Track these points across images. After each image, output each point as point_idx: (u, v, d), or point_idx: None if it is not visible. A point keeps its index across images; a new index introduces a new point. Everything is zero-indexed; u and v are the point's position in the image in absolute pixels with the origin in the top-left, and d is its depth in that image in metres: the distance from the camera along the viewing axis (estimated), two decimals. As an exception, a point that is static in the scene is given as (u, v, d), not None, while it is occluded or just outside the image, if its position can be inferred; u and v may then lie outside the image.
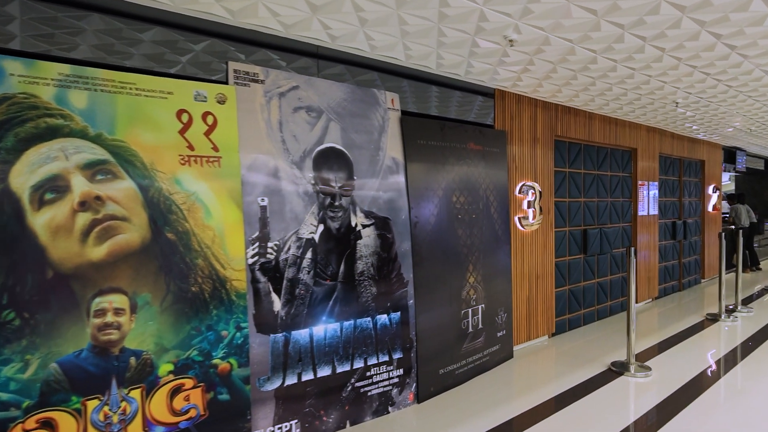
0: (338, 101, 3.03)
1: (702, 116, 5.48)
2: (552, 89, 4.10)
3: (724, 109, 5.11)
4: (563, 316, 5.05)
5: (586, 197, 5.37)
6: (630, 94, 4.33)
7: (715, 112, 5.28)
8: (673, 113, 5.26)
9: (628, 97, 4.41)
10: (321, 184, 2.90)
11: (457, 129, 3.72)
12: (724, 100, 4.82)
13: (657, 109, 5.01)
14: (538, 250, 4.62)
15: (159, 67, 2.39)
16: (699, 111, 5.18)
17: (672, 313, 5.90)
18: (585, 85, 3.95)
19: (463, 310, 3.70)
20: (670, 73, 3.65)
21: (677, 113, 5.25)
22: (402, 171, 3.32)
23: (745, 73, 3.85)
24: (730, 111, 5.19)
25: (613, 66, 3.43)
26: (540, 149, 4.61)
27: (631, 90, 4.17)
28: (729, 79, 4.09)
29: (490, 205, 4.00)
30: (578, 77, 3.71)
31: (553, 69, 3.48)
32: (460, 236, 3.69)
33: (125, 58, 2.29)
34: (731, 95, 4.60)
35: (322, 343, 2.87)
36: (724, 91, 4.49)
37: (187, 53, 2.49)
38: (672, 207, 7.12)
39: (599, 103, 4.70)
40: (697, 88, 4.21)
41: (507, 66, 3.42)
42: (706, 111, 5.17)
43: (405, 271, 3.28)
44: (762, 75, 3.79)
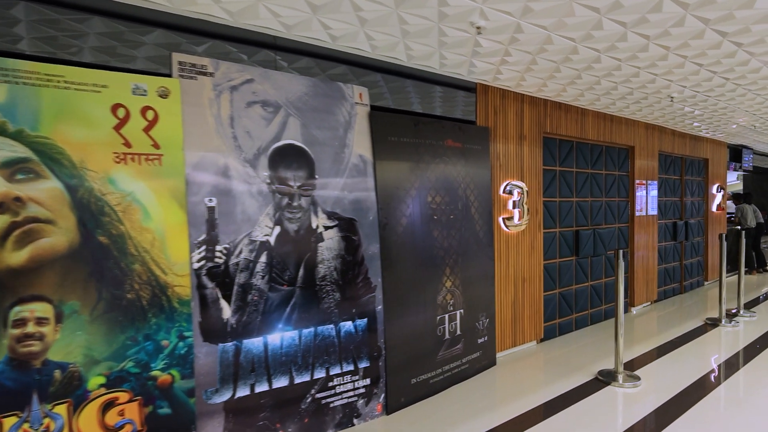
0: (299, 95, 2.86)
1: (705, 112, 5.22)
2: (536, 83, 3.88)
3: (726, 105, 4.84)
4: (553, 320, 4.83)
5: (579, 197, 5.14)
6: (621, 88, 4.10)
7: (720, 109, 5.03)
8: (671, 109, 5.01)
9: (619, 91, 4.18)
10: (277, 184, 2.72)
11: (433, 125, 3.53)
12: (733, 98, 4.58)
13: (652, 104, 4.77)
14: (525, 252, 4.41)
15: (96, 59, 2.24)
16: (699, 106, 4.93)
17: (670, 318, 5.65)
18: (570, 78, 3.73)
19: (438, 316, 3.51)
20: (660, 64, 3.42)
21: (675, 109, 5.00)
22: (370, 169, 3.13)
23: (753, 71, 3.68)
24: (733, 107, 4.93)
25: (596, 56, 3.22)
26: (527, 147, 4.40)
27: (621, 83, 3.94)
28: (737, 78, 3.89)
29: (471, 205, 3.80)
30: (562, 69, 3.50)
31: (533, 60, 3.27)
32: (436, 238, 3.50)
33: (60, 48, 2.14)
34: (740, 93, 4.37)
35: (279, 352, 2.70)
36: (732, 89, 4.27)
37: (129, 44, 2.33)
38: (673, 207, 6.85)
39: (590, 98, 4.48)
40: (696, 83, 3.98)
41: (482, 57, 3.22)
42: (710, 108, 4.92)
43: (373, 275, 3.10)
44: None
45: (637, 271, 5.92)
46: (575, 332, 5.07)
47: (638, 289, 5.96)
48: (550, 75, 3.63)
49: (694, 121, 5.83)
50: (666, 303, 6.45)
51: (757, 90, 4.23)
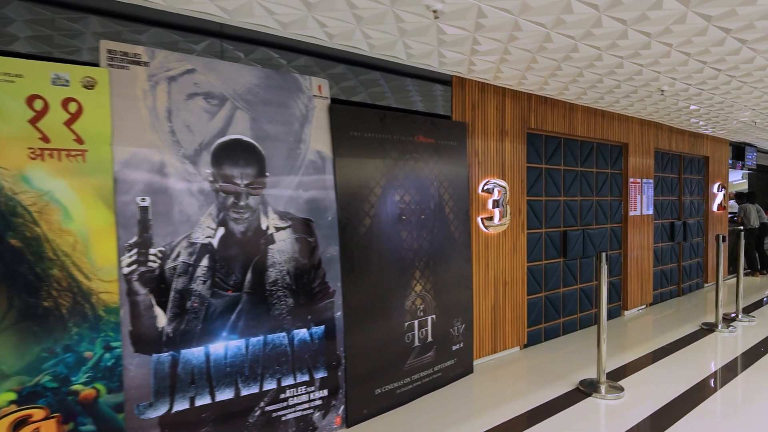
0: (248, 87, 2.66)
1: (703, 107, 4.96)
2: (514, 74, 3.66)
3: (722, 98, 4.58)
4: (538, 325, 4.61)
5: (567, 196, 4.91)
6: (606, 80, 3.86)
7: (716, 103, 4.76)
8: (667, 104, 4.75)
9: (605, 84, 3.94)
10: (222, 182, 2.53)
11: (401, 120, 3.32)
12: (731, 93, 4.33)
13: (644, 99, 4.52)
14: (506, 253, 4.19)
15: (22, 48, 2.06)
16: (694, 100, 4.67)
17: (664, 322, 5.40)
18: (550, 69, 3.50)
19: (407, 322, 3.31)
20: (643, 52, 3.18)
21: (670, 104, 4.74)
22: (329, 166, 2.94)
23: (759, 69, 3.51)
24: (731, 102, 4.66)
25: (572, 45, 2.99)
26: (509, 143, 4.18)
27: (606, 75, 3.71)
28: (742, 75, 3.68)
29: (445, 205, 3.59)
30: (538, 60, 3.27)
31: (505, 50, 3.05)
32: (404, 239, 3.30)
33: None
34: (737, 87, 4.12)
35: (222, 363, 2.51)
36: (736, 86, 4.04)
37: (64, 33, 2.15)
38: (670, 206, 6.58)
39: (575, 92, 4.24)
40: (689, 75, 3.73)
41: (449, 46, 3.00)
42: (707, 103, 4.66)
43: (331, 279, 2.91)
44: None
45: (630, 274, 5.67)
46: (562, 337, 4.84)
47: (632, 292, 5.71)
48: (527, 66, 3.41)
49: (693, 118, 5.57)
50: (662, 306, 6.19)
51: (754, 82, 3.97)
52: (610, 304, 5.51)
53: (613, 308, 5.56)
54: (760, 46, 3.04)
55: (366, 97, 3.20)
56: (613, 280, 5.55)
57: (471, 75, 3.71)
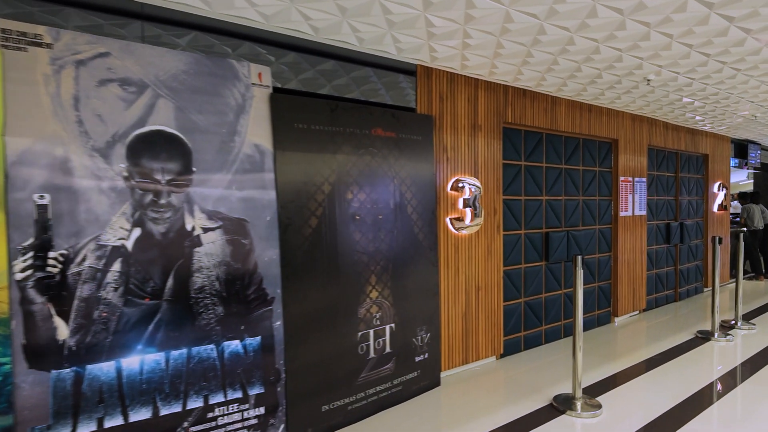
0: (173, 74, 2.41)
1: (704, 102, 4.64)
2: (482, 62, 3.38)
3: (725, 94, 4.27)
4: (516, 333, 4.31)
5: (549, 195, 4.61)
6: (585, 69, 3.57)
7: (712, 95, 4.45)
8: (658, 97, 4.44)
9: (584, 73, 3.64)
10: (139, 178, 2.28)
11: (356, 111, 3.05)
12: (734, 87, 4.03)
13: (630, 90, 4.21)
14: (480, 257, 3.90)
15: None
16: (693, 94, 4.36)
17: (657, 330, 5.07)
18: (519, 55, 3.22)
19: (360, 332, 3.04)
20: (619, 34, 2.89)
21: (660, 96, 4.44)
22: (269, 161, 2.68)
23: (765, 61, 3.26)
24: (727, 93, 4.35)
25: (537, 26, 2.71)
26: (482, 138, 3.89)
27: (584, 63, 3.42)
28: (735, 62, 3.41)
29: (407, 204, 3.32)
30: (505, 44, 2.99)
31: (464, 32, 2.78)
32: (358, 241, 3.03)
33: None
34: (741, 80, 3.82)
35: (138, 379, 2.26)
36: (731, 76, 3.74)
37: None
38: (666, 207, 6.25)
39: (553, 82, 3.95)
40: (684, 66, 3.44)
41: (401, 29, 2.73)
42: (708, 98, 4.35)
43: (269, 285, 2.65)
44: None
45: (621, 278, 5.35)
46: (544, 346, 4.54)
47: (623, 297, 5.39)
48: (494, 52, 3.13)
49: (688, 113, 5.24)
50: (656, 312, 5.86)
51: (748, 69, 3.66)
52: (599, 310, 5.19)
53: (603, 315, 5.24)
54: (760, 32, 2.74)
55: (316, 87, 2.94)
56: (602, 284, 5.23)
57: (436, 64, 3.43)
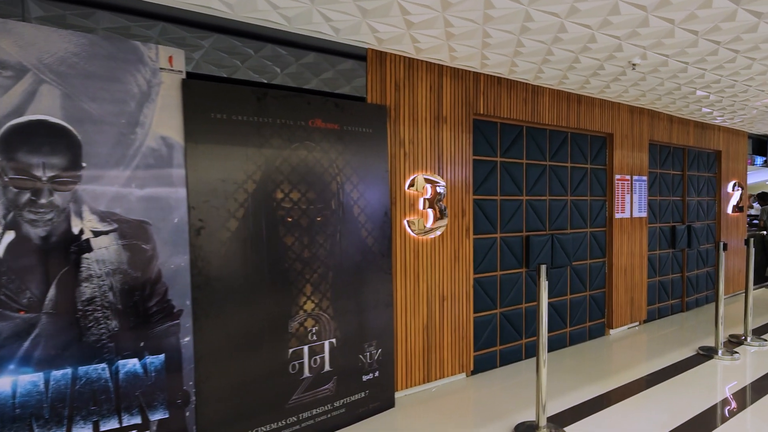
0: (61, 56, 2.13)
1: (719, 96, 4.16)
2: (435, 44, 3.02)
3: (754, 91, 3.79)
4: (490, 348, 3.92)
5: (531, 195, 4.20)
6: (558, 52, 3.16)
7: (725, 87, 3.97)
8: (645, 83, 3.99)
9: (557, 56, 3.24)
10: (14, 174, 2.01)
11: (290, 100, 2.73)
12: (752, 78, 3.57)
13: (619, 78, 3.78)
14: (445, 263, 3.53)
15: None
16: (707, 86, 3.89)
17: (656, 344, 4.60)
18: (473, 35, 2.84)
19: (292, 349, 2.71)
20: (582, 6, 2.49)
21: (653, 83, 3.98)
22: (179, 156, 2.38)
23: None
24: (749, 87, 3.86)
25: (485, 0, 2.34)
26: (448, 131, 3.52)
27: (554, 45, 3.02)
28: (748, 50, 2.95)
29: (353, 205, 2.98)
30: (454, 23, 2.62)
31: (401, 7, 2.42)
32: (291, 246, 2.71)
33: None
34: (758, 71, 3.37)
35: (9, 403, 1.98)
36: (746, 66, 3.31)
37: None
38: (671, 208, 5.73)
39: (527, 68, 3.55)
40: (671, 48, 3.01)
41: (328, 4, 2.40)
42: (724, 91, 3.88)
43: (176, 296, 2.34)
44: None
45: (617, 286, 4.89)
46: (525, 362, 4.13)
47: (619, 307, 4.93)
48: (445, 32, 2.76)
49: (693, 103, 4.75)
50: (659, 324, 5.36)
51: (763, 59, 3.19)
52: (590, 322, 4.75)
53: (595, 327, 4.79)
54: None
55: (242, 73, 2.63)
56: (594, 293, 4.78)
57: (387, 47, 3.08)
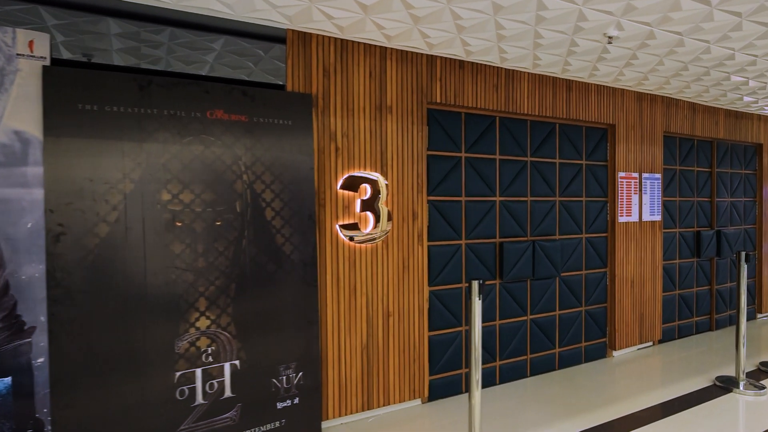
0: None
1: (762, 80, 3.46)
2: (354, 19, 2.59)
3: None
4: (454, 371, 3.41)
5: (507, 195, 3.65)
6: (510, 25, 2.64)
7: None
8: (638, 62, 3.35)
9: (510, 30, 2.71)
10: None
11: (181, 89, 2.40)
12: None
13: (603, 57, 3.17)
14: (391, 274, 3.08)
15: None
16: (752, 73, 3.22)
17: (665, 370, 3.89)
18: (397, 6, 2.39)
19: (180, 372, 2.37)
20: None
21: (647, 65, 3.33)
22: (37, 152, 2.10)
23: None
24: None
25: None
26: (393, 123, 3.08)
27: (502, 16, 2.50)
28: None
29: (266, 207, 2.61)
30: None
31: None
32: (179, 254, 2.37)
33: None
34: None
35: None
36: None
37: None
38: (695, 210, 4.94)
39: (483, 47, 3.03)
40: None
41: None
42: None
43: (28, 311, 2.06)
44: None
45: (621, 301, 4.22)
46: (498, 387, 3.58)
47: (624, 325, 4.24)
48: (360, 4, 2.33)
49: (745, 95, 4.01)
50: (678, 345, 4.60)
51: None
52: (587, 342, 4.11)
53: (593, 348, 4.15)
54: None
55: (121, 58, 2.33)
56: (592, 309, 4.14)
57: (315, 27, 2.69)
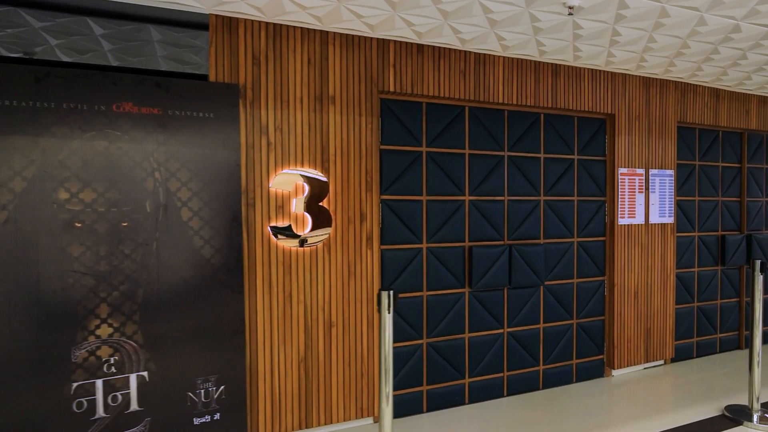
0: None
1: None
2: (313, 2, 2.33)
3: None
4: (412, 387, 3.09)
5: (478, 194, 3.28)
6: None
7: None
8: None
9: (464, 6, 2.35)
10: None
11: (84, 80, 2.24)
12: None
13: (582, 37, 2.74)
14: (334, 280, 2.81)
15: None
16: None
17: (670, 395, 3.38)
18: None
19: (77, 383, 2.21)
20: None
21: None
22: None
23: None
24: None
25: None
26: (337, 115, 2.80)
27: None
28: None
29: (182, 207, 2.41)
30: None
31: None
32: (78, 258, 2.21)
33: None
34: None
35: None
36: None
37: None
38: (719, 211, 4.31)
39: (426, 24, 2.69)
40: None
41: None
42: None
43: None
44: None
45: (622, 313, 3.72)
46: (467, 407, 3.22)
47: (625, 341, 3.74)
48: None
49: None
50: (695, 365, 4.02)
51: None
52: (578, 359, 3.65)
53: (587, 366, 3.68)
54: None
55: (16, 48, 2.20)
56: (585, 322, 3.67)
57: (236, 10, 2.46)
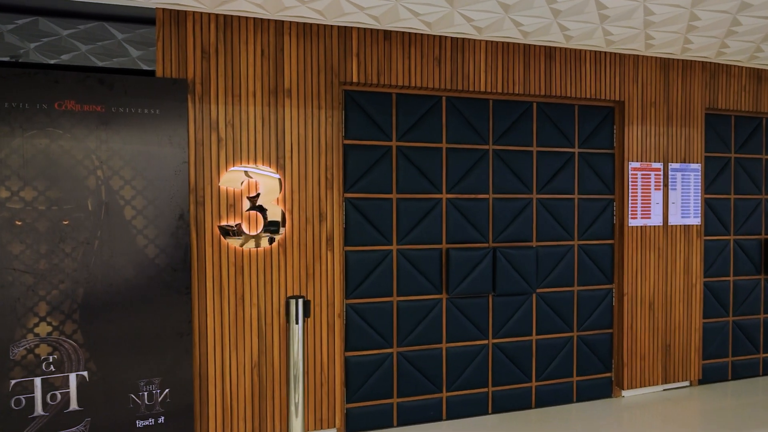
0: None
1: None
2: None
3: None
4: (381, 399, 2.88)
5: (456, 192, 3.00)
6: None
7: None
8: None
9: None
10: None
11: (25, 79, 2.24)
12: None
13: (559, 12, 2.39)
14: (290, 283, 2.67)
15: None
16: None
17: (680, 426, 2.92)
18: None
19: (15, 380, 2.22)
20: None
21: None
22: None
23: None
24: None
25: None
26: (293, 109, 2.65)
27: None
28: None
29: (125, 205, 2.37)
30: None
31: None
32: (17, 256, 2.22)
33: None
34: None
35: None
36: None
37: None
38: (762, 211, 3.71)
39: (381, 9, 2.46)
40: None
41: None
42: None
43: None
44: None
45: (634, 327, 3.29)
46: (445, 423, 2.97)
47: (637, 359, 3.30)
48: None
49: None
50: (727, 389, 3.49)
51: None
52: (579, 377, 3.26)
53: (591, 384, 3.28)
54: None
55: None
56: (588, 335, 3.28)
57: (184, 4, 2.38)
